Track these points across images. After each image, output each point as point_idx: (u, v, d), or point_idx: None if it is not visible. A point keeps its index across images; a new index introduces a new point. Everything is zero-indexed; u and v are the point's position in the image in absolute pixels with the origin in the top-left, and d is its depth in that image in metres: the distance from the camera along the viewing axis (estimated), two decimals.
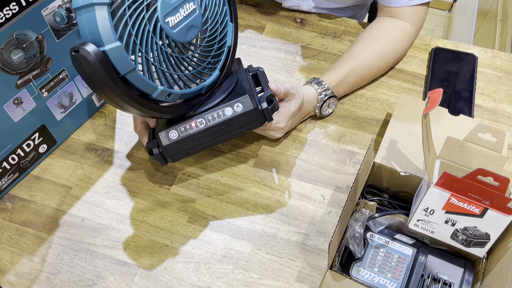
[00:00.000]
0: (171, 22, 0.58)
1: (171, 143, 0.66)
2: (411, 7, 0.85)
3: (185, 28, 0.60)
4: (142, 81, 0.58)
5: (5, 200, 0.75)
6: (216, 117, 0.66)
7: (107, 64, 0.53)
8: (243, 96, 0.66)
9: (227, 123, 0.66)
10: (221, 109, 0.66)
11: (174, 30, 0.59)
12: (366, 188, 0.73)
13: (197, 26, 0.62)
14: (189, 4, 0.60)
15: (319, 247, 0.69)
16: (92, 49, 0.52)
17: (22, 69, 0.67)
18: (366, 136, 0.81)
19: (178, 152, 0.67)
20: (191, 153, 0.69)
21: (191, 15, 0.61)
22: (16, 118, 0.70)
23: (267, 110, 0.67)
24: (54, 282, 0.67)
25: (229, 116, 0.66)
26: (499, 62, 0.91)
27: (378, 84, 0.88)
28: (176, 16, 0.59)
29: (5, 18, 0.61)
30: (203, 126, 0.66)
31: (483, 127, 0.62)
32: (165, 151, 0.67)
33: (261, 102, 0.67)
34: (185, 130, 0.66)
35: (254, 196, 0.74)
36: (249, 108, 0.66)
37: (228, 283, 0.66)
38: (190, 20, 0.61)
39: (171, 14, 0.58)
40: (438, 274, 0.63)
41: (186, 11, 0.60)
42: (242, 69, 0.73)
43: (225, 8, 0.67)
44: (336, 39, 0.96)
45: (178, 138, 0.66)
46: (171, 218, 0.72)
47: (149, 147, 0.68)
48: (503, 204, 0.54)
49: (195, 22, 0.62)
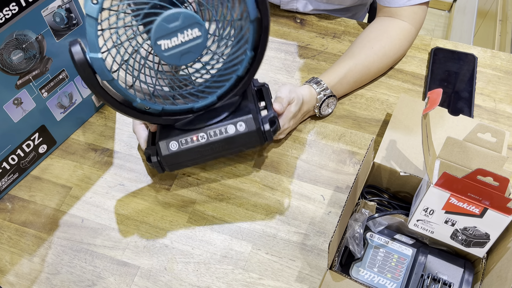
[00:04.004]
0: (164, 45, 0.57)
1: (170, 154, 0.66)
2: (410, 7, 0.85)
3: (180, 53, 0.58)
4: (121, 91, 0.60)
5: (5, 200, 0.75)
6: (218, 133, 0.66)
7: (88, 68, 0.57)
8: (247, 116, 0.66)
9: (228, 141, 0.66)
10: (224, 126, 0.66)
11: (165, 53, 0.57)
12: (366, 188, 0.73)
13: (195, 53, 0.59)
14: (192, 31, 0.57)
15: (319, 247, 0.69)
16: (76, 51, 0.55)
17: (22, 69, 0.67)
18: (366, 136, 0.81)
19: (176, 163, 0.68)
20: (189, 165, 0.69)
21: (191, 42, 0.58)
22: (16, 119, 0.70)
23: (269, 132, 0.67)
24: (54, 283, 0.67)
25: (231, 134, 0.66)
26: (499, 62, 0.91)
27: (378, 84, 0.88)
28: (171, 40, 0.57)
29: (5, 18, 0.61)
30: (204, 141, 0.66)
31: (483, 127, 0.62)
32: (163, 161, 0.67)
33: (264, 123, 0.67)
34: (185, 142, 0.66)
35: (254, 196, 0.74)
36: (252, 129, 0.66)
37: (228, 283, 0.66)
38: (189, 46, 0.58)
39: (165, 37, 0.56)
40: (438, 274, 0.63)
41: (186, 37, 0.57)
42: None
43: (247, 37, 0.62)
44: (336, 39, 0.96)
45: (178, 150, 0.66)
46: (171, 218, 0.72)
47: (147, 153, 0.68)
48: (503, 204, 0.55)
49: (194, 49, 0.59)
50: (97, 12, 0.52)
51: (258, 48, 0.64)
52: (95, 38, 0.54)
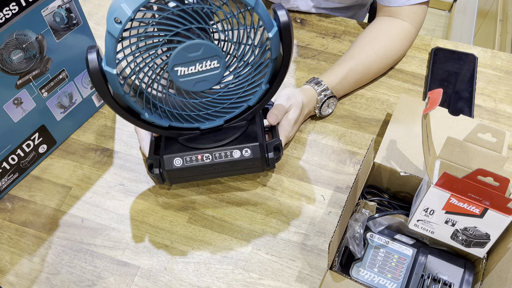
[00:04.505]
0: (180, 72, 0.57)
1: (173, 169, 0.67)
2: (410, 6, 0.85)
3: (194, 81, 0.59)
4: (131, 105, 0.61)
5: (5, 200, 0.75)
6: (223, 156, 0.67)
7: (101, 78, 0.57)
8: (254, 143, 0.67)
9: (232, 164, 0.67)
10: (229, 150, 0.67)
11: (180, 79, 0.58)
12: (366, 188, 0.73)
13: (211, 82, 0.60)
14: (211, 62, 0.57)
15: (319, 247, 0.69)
16: (92, 59, 0.55)
17: (22, 69, 0.67)
18: (366, 136, 0.81)
19: (178, 178, 0.69)
20: (190, 181, 0.71)
21: (208, 72, 0.58)
22: (16, 118, 0.70)
23: (272, 160, 0.68)
24: (54, 282, 0.67)
25: (236, 158, 0.67)
26: (499, 62, 0.91)
27: (378, 84, 0.88)
28: (188, 68, 0.57)
29: (5, 18, 0.61)
30: (209, 161, 0.67)
31: (483, 127, 0.62)
32: (166, 175, 0.68)
33: (269, 150, 0.68)
34: (190, 160, 0.67)
35: (254, 196, 0.74)
36: (257, 156, 0.67)
37: (228, 283, 0.66)
38: (205, 75, 0.59)
39: (183, 65, 0.57)
40: (438, 275, 0.63)
41: (204, 67, 0.58)
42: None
43: (266, 71, 0.62)
44: (336, 39, 0.96)
45: (182, 166, 0.67)
46: (171, 218, 0.72)
47: (150, 163, 0.69)
48: (503, 204, 0.54)
49: (210, 79, 0.59)
50: (119, 32, 0.52)
51: (274, 82, 0.64)
52: (113, 55, 0.54)
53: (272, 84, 0.64)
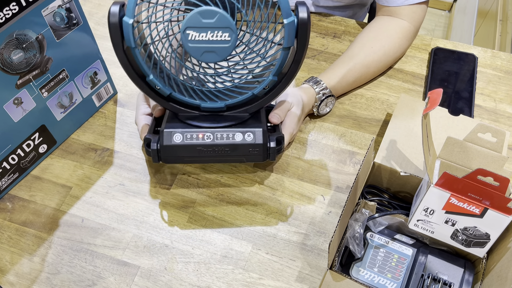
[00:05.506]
0: (191, 36, 0.58)
1: (171, 145, 0.65)
2: (410, 6, 0.85)
3: (203, 49, 0.59)
4: (139, 61, 0.61)
5: (5, 200, 0.75)
6: (225, 137, 0.66)
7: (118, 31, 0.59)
8: (258, 128, 0.66)
9: (232, 147, 0.66)
10: (232, 132, 0.66)
11: (190, 44, 0.58)
12: (366, 188, 0.73)
13: (219, 56, 0.59)
14: (223, 33, 0.57)
15: (319, 247, 0.69)
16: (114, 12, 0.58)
17: (22, 69, 0.67)
18: (366, 136, 0.81)
19: (174, 156, 0.67)
20: (185, 162, 0.69)
21: (218, 43, 0.58)
22: (16, 118, 0.70)
23: (273, 149, 0.67)
24: (54, 282, 0.67)
25: (237, 141, 0.66)
26: (499, 62, 0.91)
27: (378, 84, 0.88)
28: (199, 34, 0.57)
29: (5, 18, 0.61)
30: (209, 141, 0.66)
31: (483, 127, 0.62)
32: (162, 151, 0.66)
33: (271, 140, 0.67)
34: (190, 138, 0.65)
35: (254, 196, 0.74)
36: (259, 141, 0.66)
37: (228, 283, 0.66)
38: (214, 46, 0.58)
39: (194, 29, 0.57)
40: (438, 274, 0.63)
41: (215, 37, 0.58)
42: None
43: (275, 61, 0.62)
44: (336, 39, 0.96)
45: (181, 143, 0.65)
46: (171, 218, 0.72)
47: (148, 140, 0.67)
48: (503, 204, 0.55)
49: (218, 51, 0.59)
50: None
51: (284, 77, 0.64)
52: (133, 5, 0.56)
53: (281, 79, 0.64)
